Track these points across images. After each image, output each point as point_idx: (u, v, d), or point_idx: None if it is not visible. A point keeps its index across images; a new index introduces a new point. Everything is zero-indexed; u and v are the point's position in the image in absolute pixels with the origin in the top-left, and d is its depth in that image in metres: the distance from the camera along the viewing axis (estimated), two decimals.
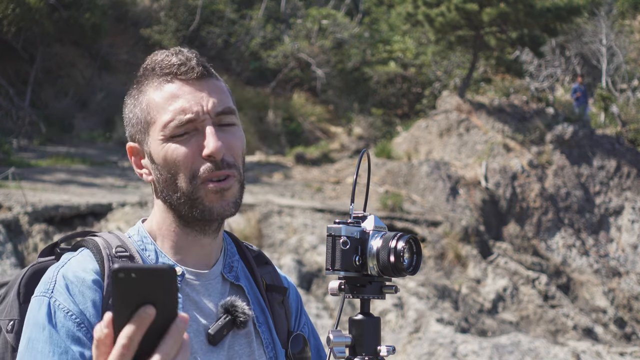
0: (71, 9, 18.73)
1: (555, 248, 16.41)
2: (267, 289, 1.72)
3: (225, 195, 1.56)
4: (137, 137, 1.62)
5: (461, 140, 18.41)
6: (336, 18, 23.47)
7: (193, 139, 1.56)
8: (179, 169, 1.56)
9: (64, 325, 1.47)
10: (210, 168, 1.55)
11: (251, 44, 22.39)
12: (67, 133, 18.06)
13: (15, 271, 9.86)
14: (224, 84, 1.65)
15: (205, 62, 1.62)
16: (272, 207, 12.99)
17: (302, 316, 1.81)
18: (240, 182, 1.60)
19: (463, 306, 12.22)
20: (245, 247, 1.77)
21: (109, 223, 11.19)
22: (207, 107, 1.56)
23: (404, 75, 23.49)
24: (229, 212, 1.58)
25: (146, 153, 1.61)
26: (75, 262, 1.55)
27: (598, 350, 11.23)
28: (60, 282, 1.51)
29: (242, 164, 1.62)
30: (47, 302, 1.49)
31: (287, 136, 20.28)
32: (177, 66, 1.58)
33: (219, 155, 1.54)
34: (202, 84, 1.58)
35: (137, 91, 1.63)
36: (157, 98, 1.58)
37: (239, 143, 1.60)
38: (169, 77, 1.58)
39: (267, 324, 1.68)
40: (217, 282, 1.65)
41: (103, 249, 1.56)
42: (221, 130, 1.58)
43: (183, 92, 1.57)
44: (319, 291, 11.27)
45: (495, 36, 19.22)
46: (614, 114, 20.52)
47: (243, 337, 1.63)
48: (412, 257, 1.54)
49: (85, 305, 1.49)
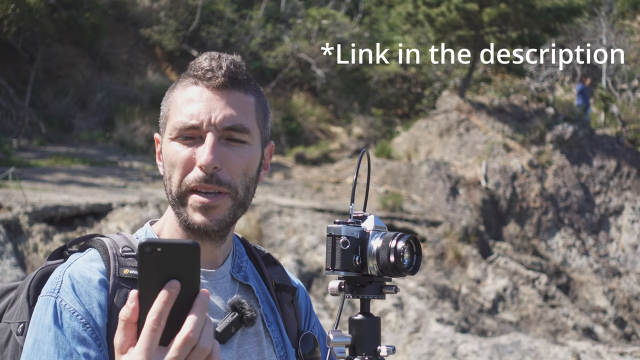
0: (71, 9, 18.72)
1: (555, 248, 16.41)
2: (277, 288, 1.73)
3: (208, 212, 1.55)
4: (160, 129, 1.65)
5: (461, 140, 18.41)
6: (336, 18, 23.47)
7: (195, 145, 1.56)
8: (174, 169, 1.57)
9: (70, 325, 1.48)
10: (200, 178, 1.54)
11: (251, 44, 22.39)
12: (67, 133, 18.06)
13: (15, 271, 9.87)
14: (253, 98, 1.61)
15: (239, 73, 1.59)
16: (272, 207, 13.00)
17: (312, 316, 1.81)
18: (237, 202, 1.58)
19: (463, 306, 12.22)
20: (254, 248, 1.78)
21: (109, 223, 11.19)
22: (214, 119, 1.55)
23: (404, 75, 23.50)
24: (210, 228, 1.57)
25: (162, 147, 1.63)
26: (82, 262, 1.56)
27: (598, 350, 11.23)
28: (67, 282, 1.52)
29: (247, 184, 1.59)
30: (54, 302, 1.50)
31: (287, 136, 20.28)
32: (204, 71, 1.57)
33: (208, 169, 1.53)
34: (223, 94, 1.57)
35: (173, 85, 1.65)
36: (178, 97, 1.60)
37: (241, 162, 1.57)
38: (195, 80, 1.59)
39: (277, 323, 1.68)
40: (226, 282, 1.65)
41: (110, 249, 1.57)
42: (226, 145, 1.56)
43: (201, 98, 1.56)
44: (319, 291, 11.27)
45: (495, 36, 19.23)
46: (614, 114, 20.53)
47: (253, 336, 1.63)
48: (412, 257, 1.54)
49: (91, 306, 1.50)
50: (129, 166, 15.97)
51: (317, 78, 22.23)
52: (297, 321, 1.74)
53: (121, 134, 17.99)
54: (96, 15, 19.10)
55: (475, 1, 18.38)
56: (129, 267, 1.55)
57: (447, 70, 22.54)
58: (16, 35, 17.79)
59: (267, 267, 1.74)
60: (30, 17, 17.44)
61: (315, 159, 18.75)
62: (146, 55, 21.75)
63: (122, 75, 20.74)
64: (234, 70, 1.59)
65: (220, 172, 1.55)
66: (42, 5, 17.66)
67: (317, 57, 22.33)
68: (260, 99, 1.64)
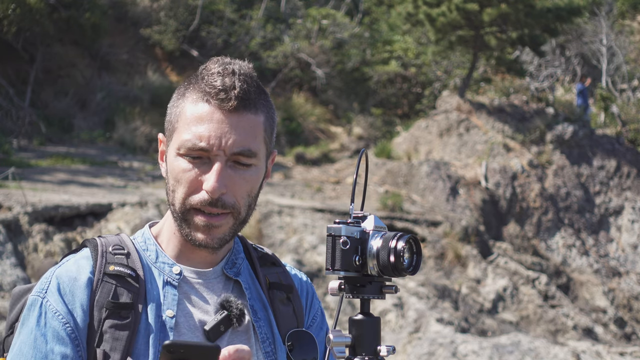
0: (71, 9, 18.73)
1: (555, 248, 16.41)
2: (270, 286, 1.73)
3: (211, 231, 1.58)
4: (166, 133, 1.65)
5: (461, 140, 18.41)
6: (336, 18, 23.46)
7: (203, 166, 1.56)
8: (179, 185, 1.58)
9: (51, 325, 1.53)
10: (205, 201, 1.56)
11: (251, 44, 22.39)
12: (67, 133, 18.06)
13: (15, 271, 9.87)
14: (262, 117, 1.61)
15: (251, 92, 1.59)
16: (272, 207, 13.00)
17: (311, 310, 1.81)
18: (238, 220, 1.60)
19: (463, 306, 12.23)
20: (253, 247, 1.78)
21: (109, 223, 11.19)
22: (224, 144, 1.55)
23: (404, 75, 23.49)
24: (212, 245, 1.60)
25: (167, 156, 1.63)
26: (72, 261, 1.60)
27: (598, 350, 11.23)
28: (54, 282, 1.56)
29: (249, 203, 1.61)
30: (40, 303, 1.55)
31: (287, 136, 20.28)
32: (217, 90, 1.56)
33: (215, 195, 1.55)
34: (233, 117, 1.56)
35: (183, 90, 1.63)
36: (188, 112, 1.58)
37: (247, 185, 1.59)
38: (207, 97, 1.57)
39: (268, 320, 1.69)
40: (219, 281, 1.67)
41: (100, 247, 1.61)
42: (233, 168, 1.57)
43: (211, 119, 1.56)
44: (319, 291, 11.28)
45: (495, 36, 19.23)
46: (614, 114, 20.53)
47: (243, 334, 1.64)
48: (412, 257, 1.54)
49: (73, 306, 1.54)
50: (129, 166, 15.97)
51: (317, 78, 22.23)
52: (297, 318, 1.74)
53: (121, 134, 17.99)
54: (96, 15, 19.10)
55: (475, 1, 18.39)
56: (115, 263, 1.58)
57: (447, 70, 22.55)
58: (16, 35, 17.79)
59: (262, 266, 1.75)
60: (30, 17, 17.45)
61: (315, 159, 18.75)
62: (146, 55, 21.75)
63: (122, 75, 20.74)
64: (247, 89, 1.58)
65: (226, 195, 1.57)
66: (42, 5, 17.66)
67: (317, 57, 22.33)
68: (268, 113, 1.64)
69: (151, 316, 1.56)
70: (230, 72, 1.58)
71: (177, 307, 1.59)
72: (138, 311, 1.55)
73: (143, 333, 1.55)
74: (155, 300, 1.58)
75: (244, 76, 1.59)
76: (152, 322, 1.55)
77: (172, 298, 1.59)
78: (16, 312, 1.63)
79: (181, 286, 1.61)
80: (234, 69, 1.58)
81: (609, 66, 23.31)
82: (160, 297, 1.59)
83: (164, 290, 1.60)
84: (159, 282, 1.61)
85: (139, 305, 1.56)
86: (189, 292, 1.62)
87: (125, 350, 1.52)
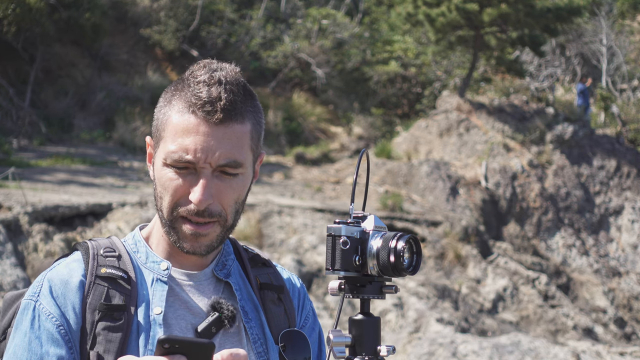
0: (71, 9, 18.73)
1: (555, 248, 16.41)
2: (261, 287, 1.73)
3: (199, 239, 1.59)
4: (153, 137, 1.64)
5: (461, 140, 18.41)
6: (336, 18, 23.47)
7: (190, 176, 1.56)
8: (166, 193, 1.58)
9: (45, 328, 1.54)
10: (192, 211, 1.56)
11: (251, 44, 22.40)
12: (67, 133, 18.06)
13: (15, 271, 9.87)
14: (249, 125, 1.59)
15: (237, 101, 1.56)
16: (272, 207, 13.00)
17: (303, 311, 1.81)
18: (225, 227, 1.61)
19: (463, 306, 12.23)
20: (244, 249, 1.78)
21: (109, 223, 11.19)
22: (210, 158, 1.54)
23: (404, 75, 23.50)
24: (199, 253, 1.61)
25: (154, 164, 1.64)
26: (63, 265, 1.62)
27: (598, 350, 11.24)
28: (46, 285, 1.58)
29: (237, 209, 1.62)
30: (33, 306, 1.56)
31: (287, 136, 20.29)
32: (202, 102, 1.54)
33: (201, 207, 1.55)
34: (219, 130, 1.55)
35: (170, 96, 1.61)
36: (175, 121, 1.57)
37: (234, 193, 1.59)
38: (193, 108, 1.55)
39: (260, 320, 1.69)
40: (210, 283, 1.67)
41: (91, 250, 1.62)
42: (219, 178, 1.57)
43: (197, 131, 1.54)
44: (319, 291, 11.28)
45: (495, 36, 19.23)
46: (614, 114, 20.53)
47: (235, 335, 1.65)
48: (412, 257, 1.54)
49: (66, 308, 1.55)
50: (129, 166, 15.97)
51: (317, 78, 22.24)
52: (289, 318, 1.74)
53: (121, 134, 17.99)
54: (96, 15, 19.10)
55: (475, 1, 18.39)
56: (106, 266, 1.59)
57: (447, 70, 22.55)
58: (16, 35, 17.78)
59: (253, 267, 1.76)
60: (30, 17, 17.44)
61: (315, 159, 18.75)
62: (146, 55, 21.75)
63: (122, 75, 20.74)
64: (233, 99, 1.55)
65: (212, 205, 1.57)
66: (42, 5, 17.66)
67: (317, 57, 22.34)
68: (255, 119, 1.62)
69: (141, 316, 1.57)
70: (217, 82, 1.55)
71: (168, 308, 1.60)
72: (130, 313, 1.56)
73: (135, 334, 1.56)
74: (145, 300, 1.59)
75: (230, 85, 1.56)
76: (142, 322, 1.57)
77: (160, 294, 1.60)
78: (8, 318, 1.64)
79: (172, 288, 1.62)
80: (219, 78, 1.56)
81: (609, 66, 23.32)
82: (150, 296, 1.60)
83: (153, 288, 1.61)
84: (149, 281, 1.62)
85: (131, 307, 1.57)
86: (180, 294, 1.63)
87: (118, 352, 1.52)
